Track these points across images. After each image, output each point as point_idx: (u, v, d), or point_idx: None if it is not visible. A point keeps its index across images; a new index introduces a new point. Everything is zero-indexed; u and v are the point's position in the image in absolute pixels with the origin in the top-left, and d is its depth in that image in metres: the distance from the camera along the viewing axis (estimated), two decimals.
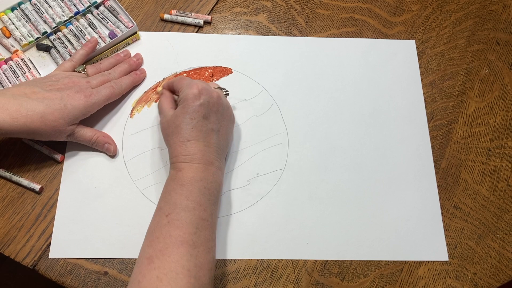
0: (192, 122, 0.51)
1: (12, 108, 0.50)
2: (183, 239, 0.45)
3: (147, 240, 0.46)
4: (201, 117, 0.51)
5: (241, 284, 0.53)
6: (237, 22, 0.68)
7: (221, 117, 0.53)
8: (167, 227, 0.46)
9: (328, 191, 0.58)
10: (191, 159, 0.50)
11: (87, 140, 0.56)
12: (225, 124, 0.54)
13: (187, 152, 0.50)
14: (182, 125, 0.51)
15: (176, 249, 0.44)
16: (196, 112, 0.51)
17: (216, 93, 0.54)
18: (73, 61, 0.59)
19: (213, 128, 0.52)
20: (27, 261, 0.53)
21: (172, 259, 0.43)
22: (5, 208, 0.55)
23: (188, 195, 0.47)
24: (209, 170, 0.50)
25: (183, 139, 0.51)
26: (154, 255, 0.44)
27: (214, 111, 0.52)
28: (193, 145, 0.50)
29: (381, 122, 0.62)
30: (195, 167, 0.49)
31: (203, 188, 0.49)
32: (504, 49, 0.69)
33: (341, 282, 0.54)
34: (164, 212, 0.47)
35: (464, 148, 0.62)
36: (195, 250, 0.45)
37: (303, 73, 0.65)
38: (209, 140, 0.51)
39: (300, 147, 0.60)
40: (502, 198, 0.59)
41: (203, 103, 0.51)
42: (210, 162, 0.51)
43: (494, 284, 0.55)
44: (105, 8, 0.65)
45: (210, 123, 0.52)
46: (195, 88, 0.52)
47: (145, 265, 0.44)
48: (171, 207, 0.47)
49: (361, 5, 0.70)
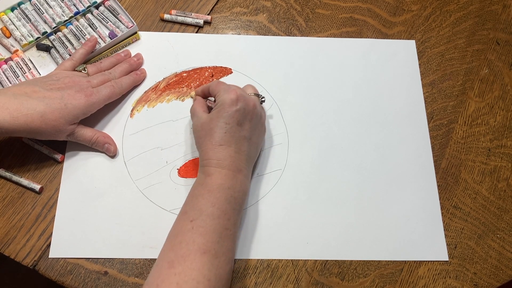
0: (226, 127, 0.50)
1: (12, 107, 0.50)
2: (206, 247, 0.44)
3: (169, 243, 0.46)
4: (236, 123, 0.51)
5: (241, 284, 0.53)
6: (237, 22, 0.68)
7: (254, 126, 0.53)
8: (190, 233, 0.45)
9: (328, 191, 0.58)
10: (221, 164, 0.50)
11: (87, 140, 0.56)
12: (257, 133, 0.54)
13: (218, 156, 0.50)
14: (216, 129, 0.51)
15: (199, 257, 0.43)
16: (231, 117, 0.51)
17: (253, 102, 0.53)
18: (73, 60, 0.59)
19: (245, 136, 0.52)
20: (27, 261, 0.53)
21: (194, 266, 0.43)
22: (5, 208, 0.55)
23: (215, 202, 0.47)
24: (237, 178, 0.50)
25: (215, 142, 0.50)
26: (176, 260, 0.43)
27: (248, 119, 0.52)
28: (224, 150, 0.50)
29: (381, 122, 0.62)
30: (225, 173, 0.49)
31: (230, 196, 0.48)
32: (504, 49, 0.69)
33: (341, 282, 0.54)
34: (188, 217, 0.47)
35: (464, 148, 0.62)
36: (216, 260, 0.44)
37: (303, 73, 0.65)
38: (240, 147, 0.51)
39: (300, 147, 0.60)
40: (502, 198, 0.59)
41: (239, 110, 0.51)
42: (239, 169, 0.50)
43: (494, 284, 0.55)
44: (105, 8, 0.65)
45: (244, 130, 0.52)
46: (233, 94, 0.52)
47: (165, 269, 0.43)
48: (196, 213, 0.47)
49: (361, 5, 0.70)
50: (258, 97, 0.57)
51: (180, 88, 0.63)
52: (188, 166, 0.58)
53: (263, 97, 0.58)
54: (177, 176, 0.57)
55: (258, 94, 0.57)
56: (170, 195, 0.56)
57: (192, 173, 0.58)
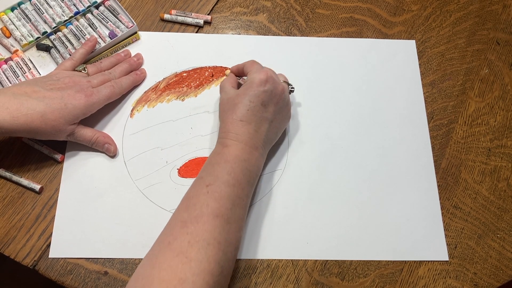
0: (250, 104, 0.52)
1: (12, 107, 0.50)
2: (219, 211, 0.45)
3: (183, 204, 0.47)
4: (260, 103, 0.52)
5: (241, 284, 0.53)
6: (237, 22, 0.68)
7: (278, 110, 0.54)
8: (205, 197, 0.46)
9: (328, 191, 0.58)
10: (239, 138, 0.51)
11: (87, 140, 0.56)
12: (279, 118, 0.55)
13: (237, 131, 0.51)
14: (240, 105, 0.52)
15: (212, 220, 0.45)
16: (257, 96, 0.52)
17: (282, 87, 0.55)
18: (73, 60, 0.59)
19: (267, 117, 0.53)
20: (27, 261, 0.53)
21: (206, 228, 0.44)
22: (5, 208, 0.55)
23: (231, 171, 0.49)
24: (253, 154, 0.51)
25: (236, 117, 0.52)
26: (189, 220, 0.45)
27: (274, 102, 0.53)
28: (244, 126, 0.52)
29: (381, 122, 0.62)
30: (241, 147, 0.51)
31: (245, 169, 0.50)
32: (504, 49, 0.69)
33: (341, 282, 0.54)
34: (204, 182, 0.48)
35: (464, 148, 0.62)
36: (228, 225, 0.46)
37: (303, 73, 0.65)
38: (260, 127, 0.52)
39: (300, 147, 0.60)
40: (502, 198, 0.59)
41: (266, 91, 0.52)
42: (255, 146, 0.52)
43: (494, 284, 0.55)
44: (105, 8, 0.65)
45: (267, 112, 0.53)
46: (264, 74, 0.53)
47: (178, 228, 0.45)
48: (212, 179, 0.48)
49: (361, 5, 0.70)
50: (288, 86, 0.58)
51: (180, 88, 0.63)
52: (188, 166, 0.58)
53: (292, 87, 0.59)
54: (177, 176, 0.57)
55: (288, 83, 0.58)
56: (170, 195, 0.56)
57: (192, 173, 0.58)
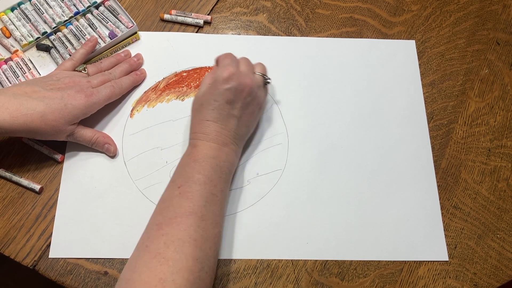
0: (215, 104, 0.52)
1: (12, 107, 0.50)
2: (192, 210, 0.46)
3: (158, 208, 0.48)
4: (225, 101, 0.52)
5: (241, 284, 0.53)
6: (237, 22, 0.68)
7: (246, 105, 0.54)
8: (178, 198, 0.47)
9: (328, 191, 0.58)
10: (206, 138, 0.52)
11: (87, 141, 0.56)
12: (248, 112, 0.55)
13: (204, 131, 0.52)
14: (205, 105, 0.53)
15: (185, 219, 0.45)
16: (221, 95, 0.52)
17: (250, 80, 0.54)
18: (73, 60, 0.59)
19: (234, 114, 0.53)
20: (27, 261, 0.53)
21: (181, 227, 0.45)
22: (5, 208, 0.55)
23: (200, 170, 0.49)
24: (223, 150, 0.52)
25: (202, 117, 0.53)
26: (164, 222, 0.45)
27: (241, 98, 0.53)
28: (210, 125, 0.52)
29: (381, 122, 0.62)
30: (209, 145, 0.51)
31: (215, 165, 0.50)
32: (504, 49, 0.69)
33: (341, 282, 0.54)
34: (176, 184, 0.49)
35: (464, 148, 0.62)
36: (203, 222, 0.46)
37: (303, 73, 0.65)
38: (227, 124, 0.53)
39: (300, 147, 0.60)
40: (502, 198, 0.59)
41: (230, 88, 0.52)
42: (225, 143, 0.52)
43: (494, 284, 0.55)
44: (105, 8, 0.65)
45: (233, 109, 0.53)
46: (226, 72, 0.53)
47: (154, 231, 0.45)
48: (183, 180, 0.49)
49: (361, 5, 0.70)
50: (263, 78, 0.57)
51: (180, 88, 0.63)
52: None
53: (268, 79, 0.58)
54: None
55: (264, 75, 0.57)
56: None
57: None
